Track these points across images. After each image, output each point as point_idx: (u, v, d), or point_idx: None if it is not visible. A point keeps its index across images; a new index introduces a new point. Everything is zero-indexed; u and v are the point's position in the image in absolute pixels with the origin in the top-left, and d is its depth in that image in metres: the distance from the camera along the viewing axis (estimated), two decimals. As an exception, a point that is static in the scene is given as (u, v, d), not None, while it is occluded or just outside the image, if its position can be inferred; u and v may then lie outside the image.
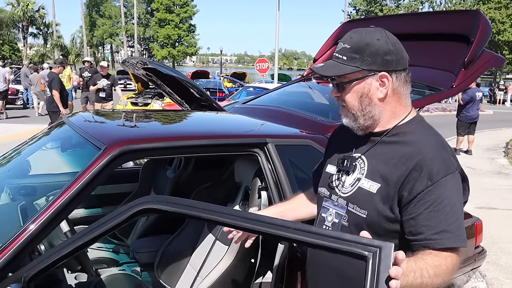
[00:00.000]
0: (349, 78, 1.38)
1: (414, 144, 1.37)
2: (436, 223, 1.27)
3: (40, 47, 47.70)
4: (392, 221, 1.35)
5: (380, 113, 1.41)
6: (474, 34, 2.60)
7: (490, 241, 4.63)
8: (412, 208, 1.30)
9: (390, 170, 1.35)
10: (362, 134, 1.47)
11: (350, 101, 1.41)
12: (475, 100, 9.64)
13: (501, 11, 40.19)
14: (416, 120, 1.45)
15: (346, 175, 1.47)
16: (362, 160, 1.45)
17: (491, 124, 16.29)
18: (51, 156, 2.80)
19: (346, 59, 1.37)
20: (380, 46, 1.35)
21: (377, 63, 1.35)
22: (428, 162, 1.31)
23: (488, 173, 8.34)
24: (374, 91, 1.38)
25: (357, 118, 1.42)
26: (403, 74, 1.40)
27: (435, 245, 1.26)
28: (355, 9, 48.49)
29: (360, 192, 1.40)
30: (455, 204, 1.31)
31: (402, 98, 1.43)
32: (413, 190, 1.30)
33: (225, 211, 1.16)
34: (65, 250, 1.33)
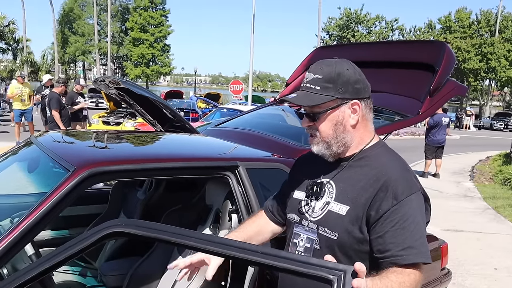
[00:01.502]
0: (324, 107, 1.43)
1: (380, 167, 1.44)
2: (402, 240, 1.33)
3: (9, 63, 46.72)
4: (362, 242, 1.40)
5: (351, 139, 1.48)
6: (439, 64, 2.72)
7: (456, 263, 4.73)
8: (379, 226, 1.36)
9: (358, 193, 1.41)
10: (332, 160, 1.51)
11: (324, 130, 1.46)
12: (442, 125, 9.94)
13: (466, 41, 41.89)
14: (380, 145, 1.53)
15: (316, 200, 1.51)
16: (330, 184, 1.50)
17: (458, 148, 16.79)
18: (17, 176, 2.74)
19: (320, 89, 1.42)
20: (350, 76, 1.42)
21: (349, 92, 1.42)
22: (393, 183, 1.38)
23: (454, 196, 8.55)
24: (347, 118, 1.45)
25: (331, 146, 1.47)
26: (368, 101, 1.49)
27: (401, 261, 1.31)
28: (328, 33, 49.60)
29: (330, 215, 1.45)
30: (419, 222, 1.38)
31: (369, 124, 1.51)
32: (380, 209, 1.36)
33: (194, 235, 1.16)
34: (29, 274, 1.29)
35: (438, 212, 7.22)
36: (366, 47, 3.98)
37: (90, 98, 24.83)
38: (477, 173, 11.32)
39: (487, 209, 7.58)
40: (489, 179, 10.58)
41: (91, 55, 55.82)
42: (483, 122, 35.69)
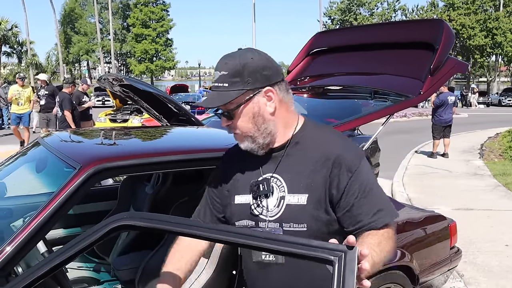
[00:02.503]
0: (236, 103, 1.37)
1: (323, 145, 1.42)
2: (369, 207, 1.36)
3: (15, 66, 47.04)
4: (331, 223, 1.41)
5: (275, 126, 1.42)
6: (439, 42, 2.71)
7: (467, 241, 4.73)
8: (344, 202, 1.37)
9: (311, 177, 1.39)
10: (264, 153, 1.46)
11: (244, 125, 1.40)
12: (448, 104, 9.86)
13: (470, 17, 41.30)
14: (308, 124, 1.49)
15: (266, 198, 1.44)
16: (276, 178, 1.44)
17: (466, 126, 16.66)
18: (26, 177, 2.79)
19: (228, 85, 1.36)
20: (256, 64, 1.36)
21: (259, 80, 1.36)
22: (343, 157, 1.38)
23: (464, 175, 8.52)
24: (263, 107, 1.39)
25: (256, 139, 1.42)
26: (283, 84, 1.42)
27: (376, 225, 1.35)
28: (330, 18, 49.21)
29: (290, 209, 1.41)
30: (375, 184, 1.42)
31: (289, 106, 1.45)
32: (340, 186, 1.37)
33: (199, 224, 1.19)
34: (42, 269, 1.33)
35: (448, 191, 7.21)
36: (366, 30, 3.96)
37: (96, 96, 24.98)
38: (486, 151, 11.25)
39: (497, 186, 7.54)
40: (499, 156, 10.50)
41: (94, 53, 55.97)
42: (491, 99, 35.28)
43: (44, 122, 10.46)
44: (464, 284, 3.92)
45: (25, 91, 10.96)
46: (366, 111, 3.12)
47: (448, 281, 3.70)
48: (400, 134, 14.27)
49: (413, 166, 9.47)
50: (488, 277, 4.04)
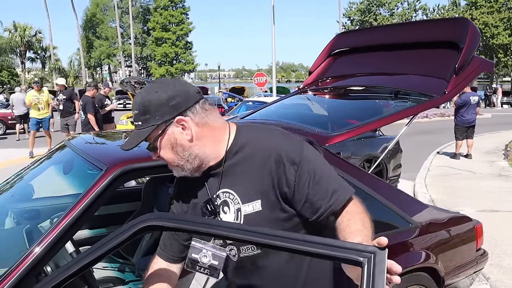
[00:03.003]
0: (153, 137, 1.39)
1: (259, 149, 1.40)
2: (324, 191, 1.36)
3: (39, 71, 48.09)
4: (290, 218, 1.41)
5: (201, 149, 1.42)
6: (464, 41, 2.67)
7: (492, 243, 4.64)
8: (298, 195, 1.37)
9: (259, 182, 1.39)
10: (199, 174, 1.46)
11: (167, 157, 1.43)
12: (470, 104, 9.69)
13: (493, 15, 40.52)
14: (242, 129, 1.48)
15: (219, 217, 1.46)
16: (227, 192, 1.45)
17: (490, 127, 16.34)
18: (54, 179, 2.85)
19: (141, 123, 1.39)
20: (160, 97, 1.36)
21: (167, 112, 1.36)
22: (282, 152, 1.37)
23: (488, 176, 8.35)
24: (180, 137, 1.39)
25: (183, 166, 1.43)
26: (197, 106, 1.40)
27: (336, 207, 1.35)
28: (349, 19, 48.92)
29: (248, 218, 1.41)
30: (323, 168, 1.40)
31: (213, 124, 1.43)
32: (289, 181, 1.36)
33: (224, 224, 1.20)
34: (71, 270, 1.36)
35: (472, 192, 7.08)
36: (387, 30, 3.93)
37: (117, 100, 25.34)
38: (511, 152, 11.01)
39: (523, 187, 7.38)
40: (525, 156, 10.27)
41: (115, 57, 56.83)
42: (516, 99, 34.51)
43: (65, 127, 10.51)
44: (490, 287, 3.84)
45: (43, 95, 10.91)
46: (389, 112, 3.09)
47: (474, 284, 3.63)
48: (421, 135, 14.07)
49: (435, 167, 9.33)
50: (516, 281, 3.95)
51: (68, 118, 10.38)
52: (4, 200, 2.64)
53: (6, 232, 2.43)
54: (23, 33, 43.59)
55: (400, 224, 2.64)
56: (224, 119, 1.51)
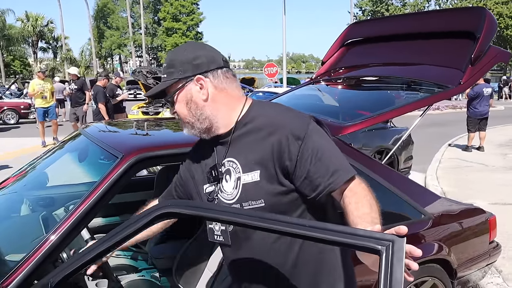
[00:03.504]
0: (172, 90, 1.49)
1: (266, 123, 1.45)
2: (325, 169, 1.37)
3: (50, 61, 48.38)
4: (288, 193, 1.43)
5: (213, 112, 1.49)
6: (480, 30, 2.63)
7: (505, 236, 4.60)
8: (299, 170, 1.39)
9: (260, 154, 1.43)
10: (208, 137, 1.53)
11: (181, 111, 1.51)
12: (483, 95, 9.57)
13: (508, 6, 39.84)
14: (256, 104, 1.54)
15: (222, 183, 1.51)
16: (231, 161, 1.50)
17: (503, 119, 16.12)
18: (69, 167, 2.87)
19: (166, 76, 1.49)
20: (187, 55, 1.47)
21: (190, 70, 1.46)
22: (287, 127, 1.40)
23: (501, 169, 8.27)
24: (196, 94, 1.47)
25: (194, 124, 1.50)
26: (219, 71, 1.48)
27: (335, 186, 1.36)
28: (361, 9, 48.46)
29: (247, 188, 1.45)
30: (328, 146, 1.42)
31: (230, 91, 1.50)
32: (292, 156, 1.38)
33: (241, 211, 1.20)
34: (89, 255, 1.38)
35: (484, 185, 7.02)
36: (401, 20, 3.88)
37: (128, 90, 25.43)
38: (525, 144, 10.88)
39: (537, 180, 7.30)
40: (538, 149, 10.15)
41: (126, 48, 57.03)
42: (529, 91, 33.98)
43: (73, 117, 10.46)
44: (503, 280, 3.82)
45: (47, 84, 10.65)
46: (402, 103, 3.06)
47: (486, 277, 3.61)
48: (433, 127, 13.95)
49: (447, 159, 9.25)
50: (528, 273, 3.92)
51: (77, 108, 10.36)
52: (20, 188, 2.68)
53: (23, 219, 2.47)
54: (35, 23, 43.84)
55: (412, 215, 2.64)
56: (243, 92, 1.57)
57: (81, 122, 10.30)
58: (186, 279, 2.66)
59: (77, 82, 10.57)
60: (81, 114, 10.37)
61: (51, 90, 10.71)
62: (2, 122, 15.78)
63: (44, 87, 10.42)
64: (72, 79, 10.84)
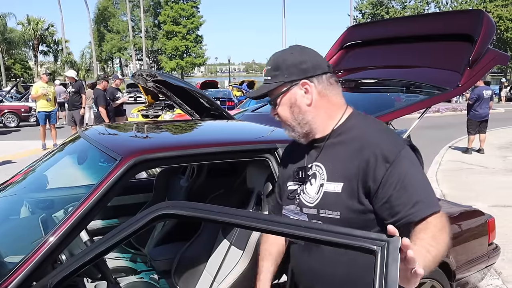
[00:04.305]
0: (277, 93, 1.50)
1: (360, 137, 1.45)
2: (407, 198, 1.34)
3: (51, 64, 48.42)
4: (365, 212, 1.42)
5: (314, 118, 1.50)
6: (478, 33, 2.64)
7: (505, 238, 4.60)
8: (381, 193, 1.37)
9: (347, 167, 1.43)
10: (306, 142, 1.55)
11: (283, 114, 1.52)
12: (483, 98, 9.59)
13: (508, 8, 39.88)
14: (354, 116, 1.54)
15: (305, 185, 1.54)
16: (318, 166, 1.51)
17: (503, 122, 16.14)
18: (68, 169, 2.88)
19: (271, 78, 1.51)
20: (294, 58, 1.48)
21: (295, 74, 1.47)
22: (379, 147, 1.39)
23: (501, 171, 8.27)
24: (300, 99, 1.49)
25: (295, 128, 1.52)
26: (324, 77, 1.49)
27: (414, 218, 1.33)
28: (360, 12, 48.52)
29: (327, 196, 1.47)
30: (417, 175, 1.40)
31: (332, 98, 1.51)
32: (376, 177, 1.37)
33: (239, 213, 1.21)
34: (87, 256, 1.38)
35: (484, 187, 7.02)
36: (400, 22, 3.90)
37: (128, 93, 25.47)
38: (524, 147, 10.88)
39: (536, 183, 7.29)
40: (538, 152, 10.15)
41: (126, 51, 56.97)
42: (529, 94, 33.92)
43: (71, 121, 10.45)
44: (502, 282, 3.82)
45: (51, 88, 10.62)
46: (401, 105, 3.07)
47: (486, 279, 3.61)
48: (433, 129, 13.95)
49: (446, 161, 9.26)
50: (528, 276, 3.92)
51: (75, 111, 10.38)
52: (19, 190, 2.69)
53: (22, 221, 2.47)
54: (36, 27, 43.91)
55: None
56: (344, 101, 1.57)
57: (78, 125, 10.32)
58: (185, 281, 2.67)
59: (74, 85, 10.61)
60: (78, 117, 10.38)
61: (54, 95, 10.72)
62: (3, 125, 15.82)
63: (48, 90, 10.43)
64: (70, 82, 10.86)
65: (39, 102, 10.54)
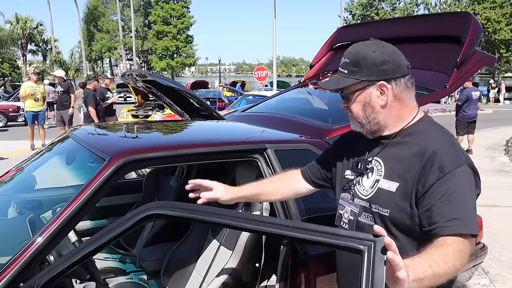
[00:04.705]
0: (352, 89, 1.49)
1: (425, 141, 1.45)
2: (448, 212, 1.33)
3: (40, 64, 47.96)
4: (413, 217, 1.42)
5: (385, 118, 1.50)
6: (465, 35, 2.66)
7: (492, 238, 4.65)
8: (426, 200, 1.38)
9: (406, 169, 1.44)
10: (372, 138, 1.56)
11: (355, 111, 1.52)
12: (472, 99, 9.69)
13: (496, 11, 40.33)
14: (425, 120, 1.54)
15: (365, 178, 1.56)
16: (378, 162, 1.53)
17: (491, 123, 16.33)
18: (56, 169, 2.86)
19: (347, 72, 1.49)
20: (376, 58, 1.45)
21: (374, 74, 1.45)
22: (439, 156, 1.39)
23: (489, 171, 8.36)
24: (375, 99, 1.48)
25: (364, 125, 1.53)
26: (402, 80, 1.48)
27: (445, 231, 1.31)
28: (351, 13, 48.77)
29: (380, 192, 1.49)
30: (466, 195, 1.37)
31: (406, 102, 1.51)
32: (427, 183, 1.38)
33: (228, 213, 1.21)
34: (76, 257, 1.38)
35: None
36: (388, 24, 3.92)
37: (118, 93, 25.35)
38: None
39: (523, 183, 7.39)
40: (525, 152, 10.28)
41: (116, 51, 56.70)
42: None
43: (60, 121, 10.39)
44: (490, 281, 3.86)
45: (40, 87, 10.48)
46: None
47: (473, 278, 3.65)
48: (422, 130, 14.00)
49: (436, 162, 9.31)
50: (514, 275, 3.97)
51: (63, 111, 10.29)
52: (7, 191, 2.66)
53: (10, 222, 2.45)
54: (25, 25, 43.42)
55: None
56: (416, 104, 1.56)
57: (67, 125, 10.24)
58: (174, 281, 2.66)
59: (63, 85, 10.48)
60: (67, 117, 10.29)
61: (43, 95, 10.59)
62: (-10, 125, 15.62)
63: (36, 90, 10.29)
64: (59, 82, 10.73)
65: (27, 102, 10.41)
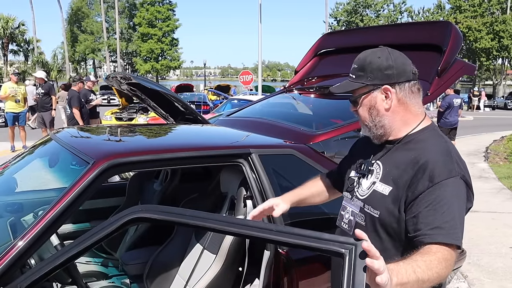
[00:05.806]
0: (358, 93, 1.56)
1: (422, 150, 1.50)
2: (432, 220, 1.37)
3: (21, 64, 47.22)
4: (400, 221, 1.47)
5: (390, 122, 1.55)
6: (446, 44, 2.73)
7: (471, 243, 4.74)
8: (414, 207, 1.42)
9: (400, 174, 1.49)
10: (378, 143, 1.62)
11: (362, 114, 1.59)
12: (453, 106, 9.86)
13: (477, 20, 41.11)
14: (429, 129, 1.58)
15: (364, 179, 1.62)
16: (378, 165, 1.59)
17: (472, 129, 16.62)
18: (38, 172, 2.83)
19: (355, 77, 1.56)
20: (381, 63, 1.51)
21: (379, 78, 1.51)
22: (431, 165, 1.43)
23: (469, 178, 8.49)
24: (380, 103, 1.54)
25: (370, 128, 1.59)
26: (406, 85, 1.53)
27: (428, 239, 1.34)
28: (336, 19, 49.20)
29: (374, 194, 1.55)
30: (453, 205, 1.39)
31: (410, 107, 1.56)
32: (416, 190, 1.42)
33: (212, 217, 1.22)
34: (58, 260, 1.37)
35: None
36: (372, 31, 3.99)
37: (102, 95, 25.10)
38: (491, 154, 11.22)
39: (502, 189, 7.53)
40: (504, 159, 10.48)
41: (100, 52, 56.16)
42: (497, 102, 35.07)
43: (41, 123, 10.21)
44: (468, 285, 3.93)
45: (20, 88, 10.32)
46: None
47: (452, 282, 3.72)
48: (405, 136, 14.17)
49: (417, 168, 9.43)
50: (492, 279, 4.05)
51: (44, 113, 10.11)
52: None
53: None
54: (6, 25, 42.70)
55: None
56: (424, 111, 1.62)
57: (48, 127, 10.09)
58: (157, 285, 2.66)
59: (44, 86, 10.28)
60: (48, 120, 10.14)
61: (24, 96, 10.40)
62: (-30, 126, 15.30)
63: (17, 90, 10.12)
64: (40, 83, 10.52)
65: (7, 103, 10.22)
